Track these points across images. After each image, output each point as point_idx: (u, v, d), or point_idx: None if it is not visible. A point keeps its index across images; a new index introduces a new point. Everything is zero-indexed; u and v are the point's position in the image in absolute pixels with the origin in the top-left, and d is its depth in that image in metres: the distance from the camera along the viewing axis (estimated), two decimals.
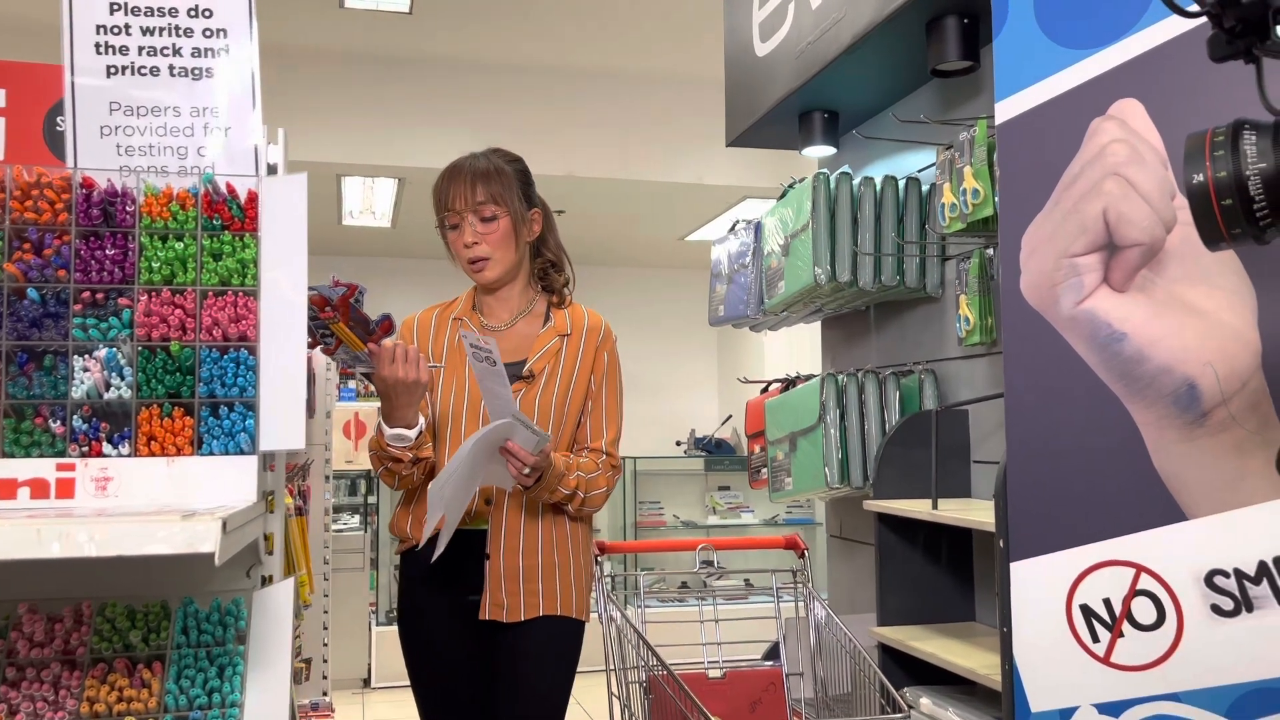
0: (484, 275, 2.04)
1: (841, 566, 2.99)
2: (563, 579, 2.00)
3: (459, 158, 2.07)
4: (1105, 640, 1.52)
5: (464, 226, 2.01)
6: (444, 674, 2.00)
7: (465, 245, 2.01)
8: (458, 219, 2.02)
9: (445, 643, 1.99)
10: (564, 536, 2.01)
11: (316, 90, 5.30)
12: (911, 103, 2.60)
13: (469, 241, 2.01)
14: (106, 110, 1.31)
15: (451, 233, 2.04)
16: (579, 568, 2.04)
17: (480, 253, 2.01)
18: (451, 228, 2.04)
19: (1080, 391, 1.53)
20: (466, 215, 2.00)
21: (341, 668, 5.21)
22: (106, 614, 1.16)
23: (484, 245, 2.01)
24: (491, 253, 2.01)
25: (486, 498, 1.97)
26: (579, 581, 2.03)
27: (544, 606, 1.97)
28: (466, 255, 2.02)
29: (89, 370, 1.17)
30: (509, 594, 1.95)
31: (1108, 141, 1.52)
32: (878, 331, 2.79)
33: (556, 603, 1.98)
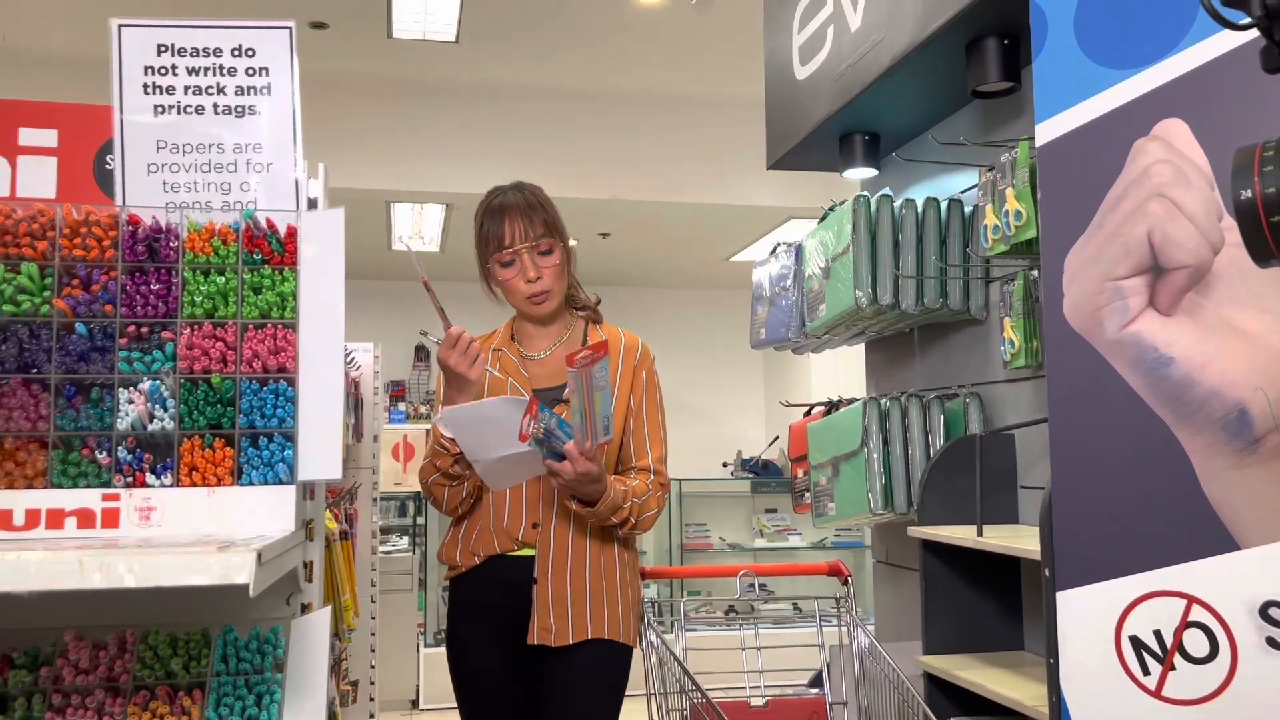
0: (545, 308, 2.04)
1: (888, 592, 2.95)
2: (610, 603, 2.00)
3: (494, 195, 2.06)
4: (1156, 673, 1.48)
5: (522, 262, 2.00)
6: (491, 699, 2.01)
7: (527, 280, 2.00)
8: (513, 256, 2.00)
9: (493, 668, 2.00)
10: (611, 561, 2.02)
11: (366, 119, 5.40)
12: (953, 124, 2.58)
13: (531, 276, 2.00)
14: (153, 148, 1.35)
15: (505, 270, 2.02)
16: (626, 593, 2.04)
17: (542, 287, 2.01)
18: (505, 265, 2.02)
19: (1126, 417, 1.50)
20: (524, 251, 1.99)
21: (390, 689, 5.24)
22: (149, 642, 1.19)
23: (545, 279, 2.00)
24: (551, 285, 2.02)
25: (534, 521, 1.98)
26: (626, 607, 2.03)
27: (592, 630, 1.96)
28: (527, 290, 2.01)
29: (134, 402, 1.19)
30: (556, 618, 1.95)
31: (1151, 162, 1.50)
32: (922, 354, 2.76)
33: (604, 627, 1.98)
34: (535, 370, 2.07)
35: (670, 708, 2.04)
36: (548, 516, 1.97)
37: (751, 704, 2.15)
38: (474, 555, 2.01)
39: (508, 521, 1.99)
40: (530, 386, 2.03)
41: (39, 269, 1.20)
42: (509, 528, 1.99)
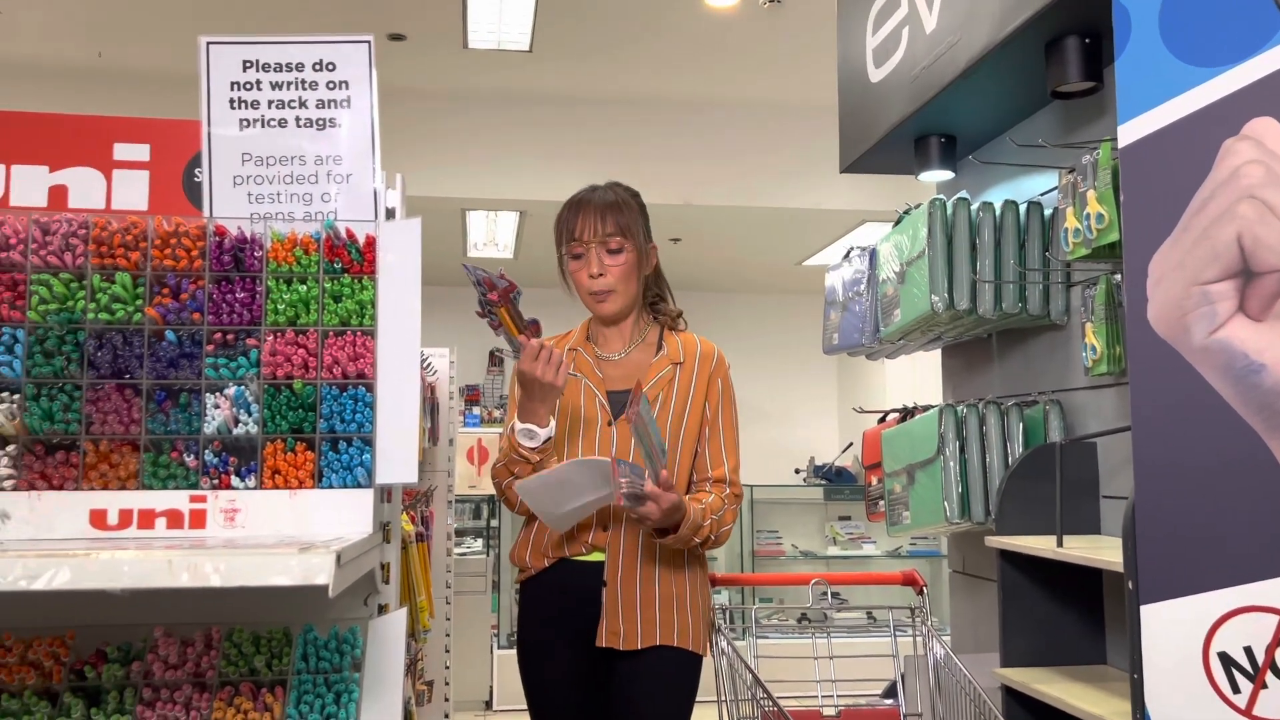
0: (606, 307, 2.05)
1: (965, 603, 2.90)
2: (680, 610, 1.99)
3: (582, 190, 2.09)
4: (1247, 692, 1.43)
5: (590, 257, 2.02)
6: (561, 703, 2.01)
7: (591, 276, 2.02)
8: (583, 249, 2.03)
9: (562, 672, 2.00)
10: (681, 567, 2.01)
11: (442, 128, 5.50)
12: (1031, 125, 2.53)
13: (595, 272, 2.02)
14: (239, 161, 1.39)
15: (574, 262, 2.05)
16: (696, 600, 2.02)
17: (605, 285, 2.02)
18: (574, 257, 2.04)
19: (1214, 425, 1.46)
20: (592, 246, 2.01)
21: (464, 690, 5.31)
22: (234, 639, 1.22)
23: (609, 277, 2.02)
24: (615, 285, 2.03)
25: (604, 525, 1.98)
26: (696, 614, 2.01)
27: (661, 636, 1.95)
28: (590, 286, 2.03)
29: (219, 407, 1.23)
30: (626, 621, 1.95)
31: (1241, 163, 1.45)
32: (1000, 360, 2.71)
33: (674, 633, 1.97)
34: (610, 371, 2.08)
35: (741, 715, 2.03)
36: (618, 520, 1.98)
37: (824, 713, 2.13)
38: (544, 557, 2.02)
39: (578, 525, 2.00)
40: (604, 388, 2.05)
41: (132, 278, 1.25)
42: (579, 531, 1.99)
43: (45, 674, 1.18)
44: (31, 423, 1.21)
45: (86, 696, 1.17)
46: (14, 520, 1.19)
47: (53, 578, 0.95)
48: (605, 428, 2.02)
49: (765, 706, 1.92)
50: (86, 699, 1.17)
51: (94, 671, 1.19)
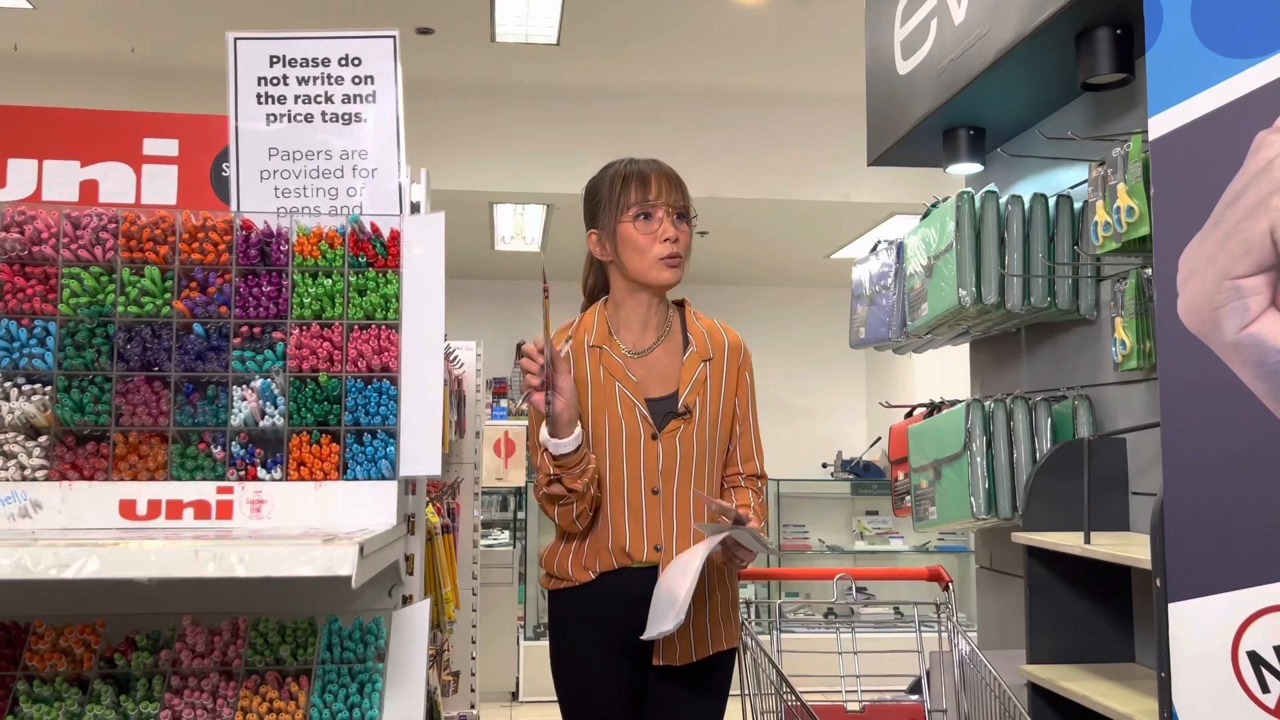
0: (674, 274, 1.94)
1: (991, 599, 2.88)
2: (724, 613, 1.96)
3: (630, 162, 2.00)
4: (1276, 691, 1.41)
5: (661, 219, 1.92)
6: (601, 708, 1.94)
7: (667, 239, 1.91)
8: (654, 209, 1.92)
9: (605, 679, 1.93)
10: (718, 568, 1.96)
11: (469, 121, 5.52)
12: (1061, 118, 2.50)
13: (672, 235, 1.91)
14: (266, 156, 1.40)
15: (642, 223, 1.92)
16: (731, 594, 2.01)
17: (679, 249, 1.93)
18: (643, 217, 1.92)
19: (1245, 421, 1.44)
20: (664, 209, 1.92)
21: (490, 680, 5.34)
22: (260, 629, 1.24)
23: (682, 242, 1.94)
24: (683, 252, 1.94)
25: (656, 544, 1.91)
26: (733, 608, 2.00)
27: (712, 644, 1.93)
28: (664, 250, 1.92)
29: (246, 399, 1.25)
30: (681, 638, 1.90)
31: (1275, 155, 1.43)
32: (1029, 355, 2.69)
33: (722, 637, 1.95)
34: (641, 373, 1.96)
35: (765, 709, 2.03)
36: (669, 538, 1.91)
37: (848, 708, 2.12)
38: (588, 571, 1.93)
39: (629, 544, 1.91)
40: (640, 394, 1.94)
41: (160, 272, 1.27)
42: (631, 550, 1.91)
43: (76, 661, 1.20)
44: (63, 414, 1.23)
45: (116, 684, 1.19)
46: (45, 509, 1.21)
47: (82, 566, 0.97)
48: (649, 442, 1.92)
49: (789, 701, 1.92)
50: (116, 686, 1.19)
51: (124, 659, 1.21)
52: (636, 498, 1.91)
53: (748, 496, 1.99)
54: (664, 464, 1.91)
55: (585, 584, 1.93)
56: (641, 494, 1.91)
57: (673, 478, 1.91)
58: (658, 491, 1.91)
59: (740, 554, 1.83)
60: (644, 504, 1.91)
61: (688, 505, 1.91)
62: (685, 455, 1.92)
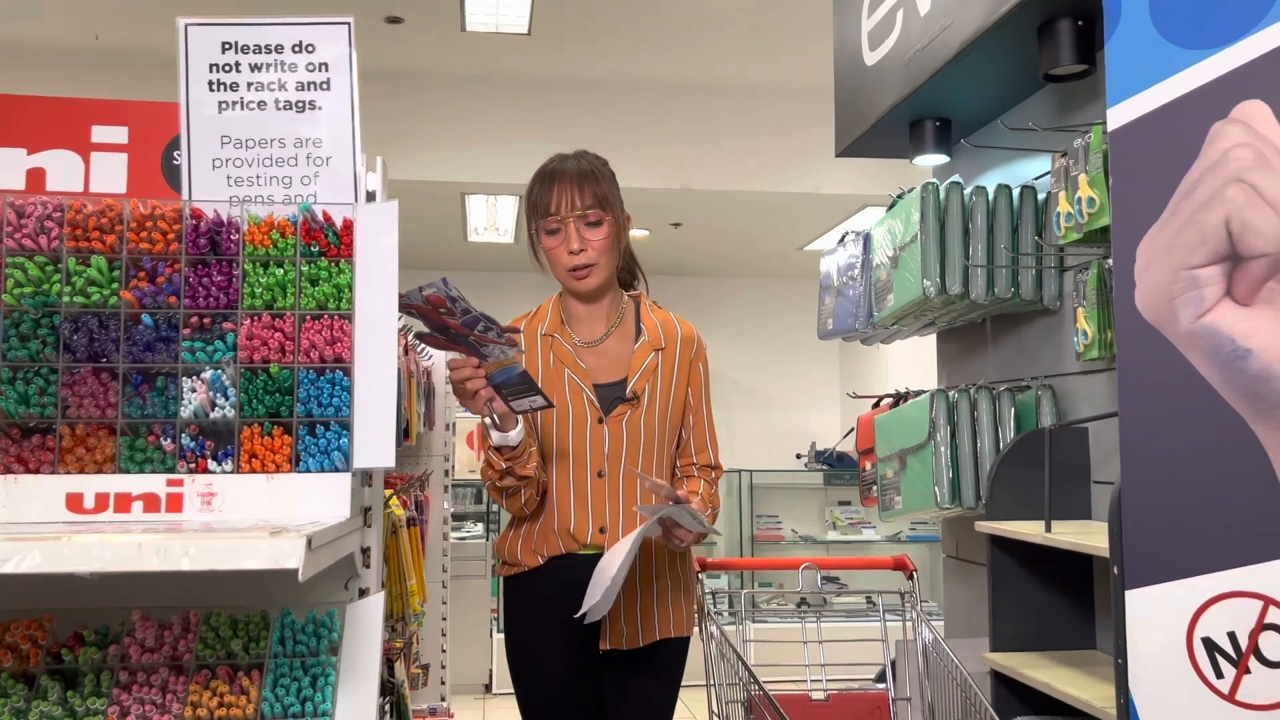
0: (587, 283, 1.95)
1: (958, 588, 2.90)
2: (674, 599, 1.99)
3: (550, 160, 1.98)
4: (1230, 676, 1.43)
5: (567, 232, 1.92)
6: (554, 693, 1.98)
7: (571, 252, 1.92)
8: (558, 224, 1.92)
9: (559, 664, 1.96)
10: (671, 555, 2.00)
11: (440, 111, 5.48)
12: (1025, 109, 2.51)
13: (575, 248, 1.92)
14: (218, 144, 1.38)
15: (549, 238, 1.94)
16: (686, 583, 2.04)
17: (586, 259, 1.92)
18: (550, 232, 1.94)
19: (1201, 411, 1.45)
20: (570, 221, 1.91)
21: (462, 673, 5.33)
22: (211, 623, 1.22)
23: (590, 252, 1.92)
24: (596, 259, 1.93)
25: (600, 526, 1.94)
26: (688, 597, 2.03)
27: (660, 631, 1.96)
28: (570, 263, 1.93)
29: (196, 391, 1.23)
30: (628, 622, 1.93)
31: (1230, 146, 1.44)
32: (994, 345, 2.70)
33: (670, 624, 1.98)
34: (592, 361, 1.99)
35: (730, 699, 2.04)
36: (614, 521, 1.94)
37: (813, 697, 2.13)
38: (537, 555, 1.96)
39: (574, 526, 1.94)
40: (589, 380, 1.97)
41: (107, 261, 1.25)
42: (576, 532, 1.94)
43: (22, 657, 1.18)
44: (7, 406, 1.21)
45: (64, 679, 1.17)
46: None
47: (22, 561, 0.95)
48: (595, 426, 1.95)
49: (753, 691, 1.92)
50: (63, 682, 1.17)
51: (71, 655, 1.19)
52: (582, 481, 1.94)
53: (699, 485, 2.01)
54: (610, 448, 1.94)
55: (534, 569, 1.97)
56: (587, 477, 1.94)
57: (619, 461, 1.94)
58: (603, 475, 1.94)
59: (678, 533, 1.85)
60: (589, 487, 1.94)
61: (634, 489, 1.94)
62: (632, 440, 1.94)
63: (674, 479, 2.05)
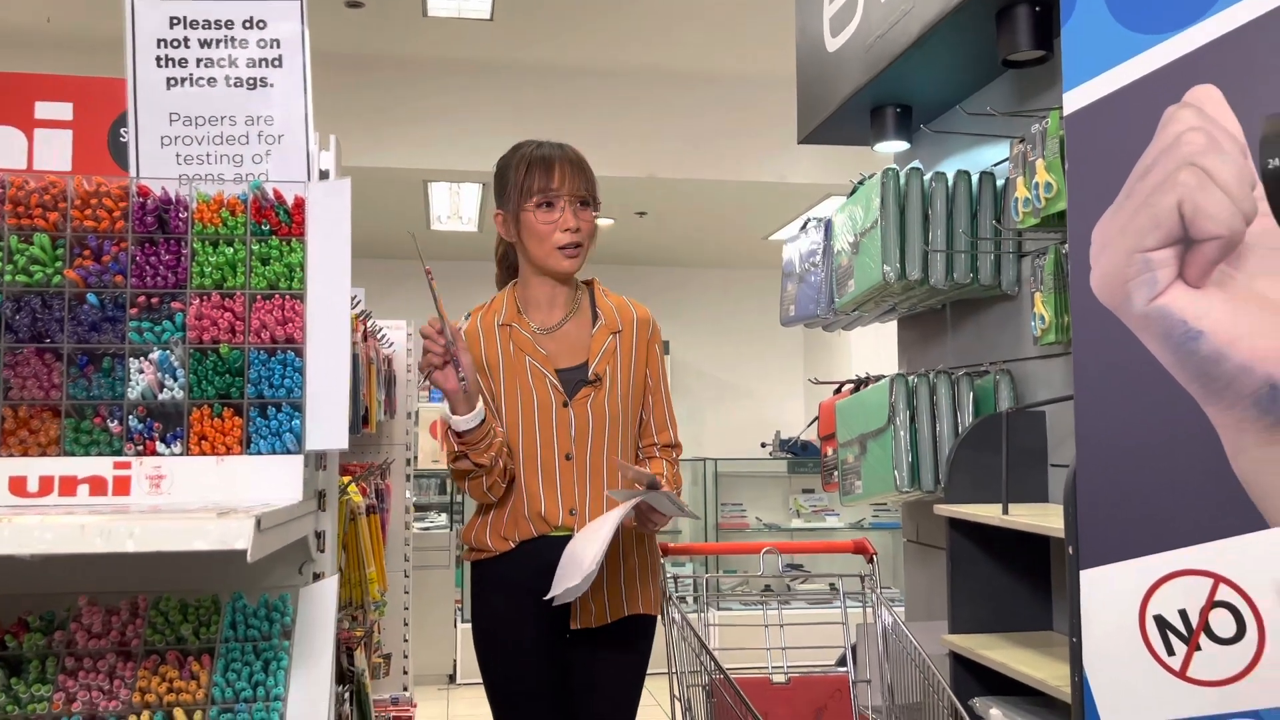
0: (574, 264, 1.97)
1: (919, 572, 2.92)
2: (642, 578, 2.02)
3: (537, 146, 2.00)
4: (1181, 654, 1.45)
5: (563, 209, 1.93)
6: (525, 677, 1.98)
7: (566, 229, 1.93)
8: (555, 198, 1.93)
9: (531, 648, 1.97)
10: (638, 536, 2.03)
11: (402, 98, 5.42)
12: (986, 95, 2.53)
13: (572, 225, 1.94)
14: (166, 121, 1.35)
15: (545, 213, 1.94)
16: (653, 564, 2.08)
17: (580, 238, 1.95)
18: (544, 206, 1.94)
19: (1154, 392, 1.47)
20: (566, 199, 1.93)
21: (426, 664, 5.30)
22: (161, 607, 1.20)
23: (583, 232, 1.96)
24: (584, 240, 1.97)
25: (570, 508, 1.96)
26: (654, 577, 2.07)
27: (627, 607, 1.99)
28: (564, 239, 1.94)
29: (144, 372, 1.21)
30: (595, 601, 1.96)
31: (1183, 130, 1.45)
32: (954, 331, 2.72)
33: (639, 602, 2.01)
34: (551, 347, 2.01)
35: (691, 684, 2.04)
36: (583, 502, 1.96)
37: (774, 680, 2.14)
38: (506, 540, 1.97)
39: (545, 509, 1.95)
40: (550, 365, 1.99)
41: (51, 240, 1.22)
42: (546, 514, 1.95)
43: None
44: None
45: (7, 666, 1.15)
46: None
47: None
48: (561, 410, 1.97)
49: (713, 675, 1.93)
50: (7, 669, 1.14)
51: (15, 641, 1.16)
52: (550, 464, 1.96)
53: (662, 466, 2.05)
54: (576, 430, 1.96)
55: (505, 553, 1.97)
56: (555, 460, 1.96)
57: (585, 444, 1.96)
58: (571, 457, 1.96)
59: (654, 518, 1.89)
60: (558, 470, 1.96)
61: (601, 470, 1.97)
62: (597, 422, 1.97)
63: (638, 460, 2.08)
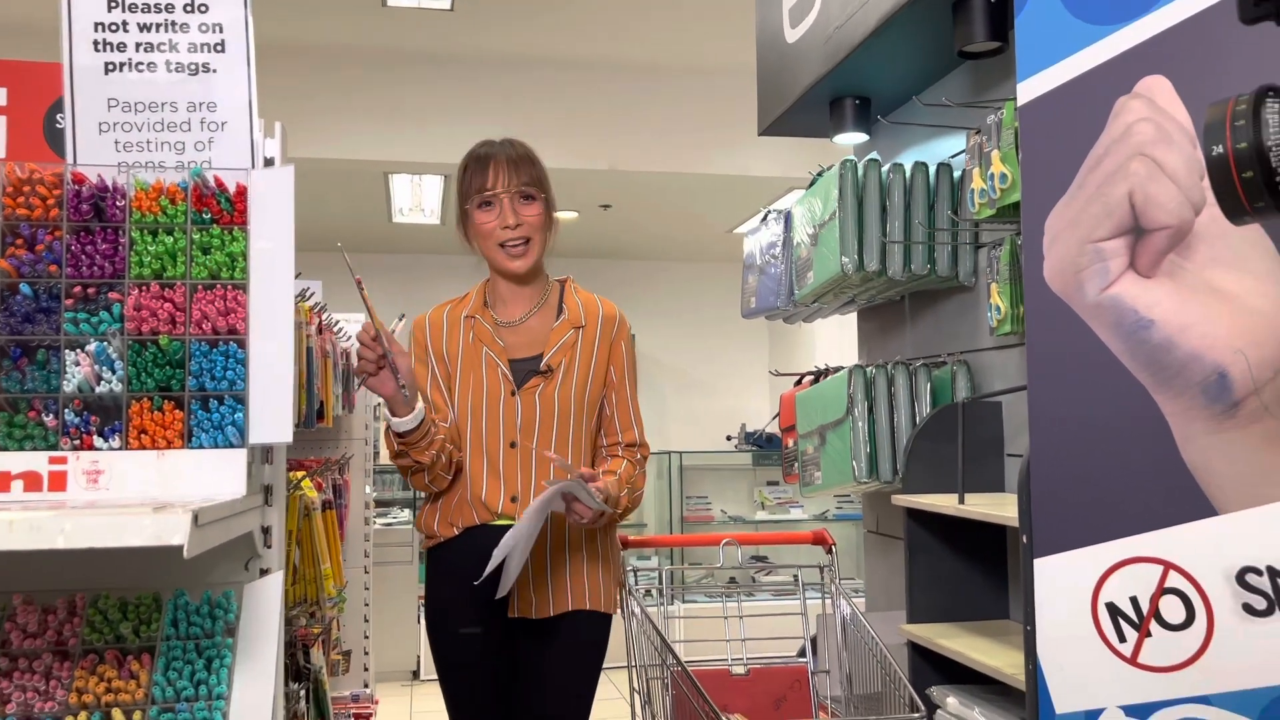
0: (520, 262, 1.98)
1: (878, 562, 2.94)
2: (590, 573, 2.00)
3: (481, 145, 2.02)
4: (1132, 640, 1.46)
5: (502, 207, 1.95)
6: (473, 666, 2.00)
7: (506, 226, 1.95)
8: (493, 198, 1.95)
9: (475, 637, 1.98)
10: (591, 532, 2.01)
11: (361, 89, 5.36)
12: (943, 87, 2.53)
13: (511, 223, 1.95)
14: (105, 107, 1.32)
15: (483, 212, 1.97)
16: (607, 561, 2.04)
17: (521, 234, 1.96)
18: (485, 205, 1.96)
19: (1106, 382, 1.48)
20: (505, 196, 1.94)
21: (389, 660, 5.26)
22: (99, 605, 1.17)
23: (525, 227, 1.96)
24: (530, 234, 1.97)
25: (512, 495, 1.97)
26: (607, 574, 2.04)
27: (573, 602, 1.97)
28: (504, 236, 1.96)
29: (80, 364, 1.18)
30: (537, 590, 1.95)
31: (1133, 121, 1.46)
32: (913, 322, 2.73)
33: (585, 597, 1.99)
34: (510, 339, 2.03)
35: (651, 677, 2.03)
36: (525, 490, 1.97)
37: (733, 672, 2.13)
38: (453, 526, 2.00)
39: (486, 495, 1.98)
40: (506, 356, 2.01)
41: None
42: (488, 500, 1.97)
43: None
44: None
45: None
46: None
47: None
48: (509, 398, 1.98)
49: (673, 668, 1.92)
50: None
51: None
52: (495, 451, 1.97)
53: (620, 464, 2.03)
54: (523, 419, 1.97)
55: (451, 539, 2.00)
56: (500, 447, 1.98)
57: (531, 433, 1.97)
58: (515, 445, 1.97)
59: (576, 508, 1.87)
60: (501, 457, 1.98)
61: (546, 460, 1.97)
62: (545, 411, 1.97)
63: (596, 458, 2.07)
